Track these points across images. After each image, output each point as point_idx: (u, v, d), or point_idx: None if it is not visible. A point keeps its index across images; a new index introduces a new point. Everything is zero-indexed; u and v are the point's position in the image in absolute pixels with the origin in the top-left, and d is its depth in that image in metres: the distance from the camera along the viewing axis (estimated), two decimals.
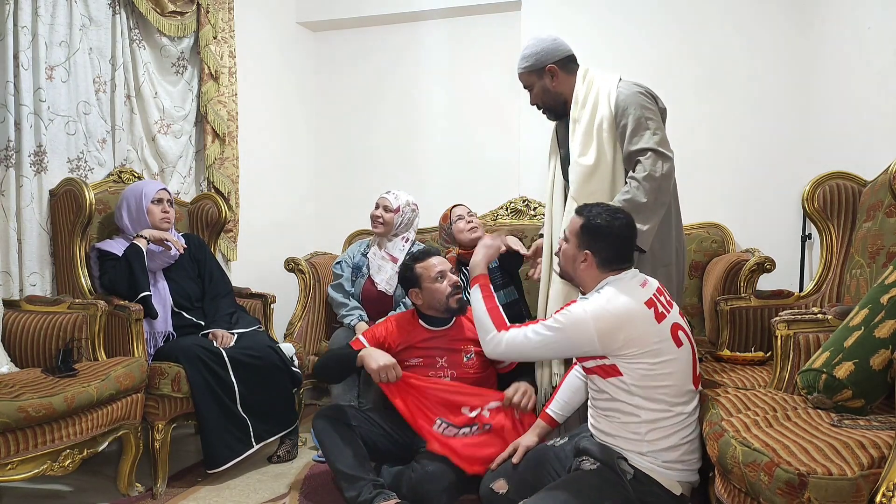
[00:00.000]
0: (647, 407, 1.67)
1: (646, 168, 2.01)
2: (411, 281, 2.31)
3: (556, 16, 3.66)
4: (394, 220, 3.00)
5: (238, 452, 2.46)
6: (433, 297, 2.27)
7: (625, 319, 1.65)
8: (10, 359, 2.34)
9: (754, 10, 3.37)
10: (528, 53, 2.26)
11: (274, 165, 3.92)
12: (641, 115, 2.07)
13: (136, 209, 2.66)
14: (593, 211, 1.79)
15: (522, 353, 1.87)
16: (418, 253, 2.39)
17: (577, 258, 1.79)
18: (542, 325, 1.77)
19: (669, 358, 1.67)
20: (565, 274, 1.88)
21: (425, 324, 2.33)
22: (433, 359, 2.28)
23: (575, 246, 1.79)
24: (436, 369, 2.27)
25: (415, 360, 2.29)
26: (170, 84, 3.22)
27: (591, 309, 1.67)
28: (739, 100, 3.41)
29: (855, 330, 1.55)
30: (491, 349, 1.89)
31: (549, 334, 1.74)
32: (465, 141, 3.94)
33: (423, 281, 2.28)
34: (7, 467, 1.88)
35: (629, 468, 1.67)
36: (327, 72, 4.21)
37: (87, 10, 2.81)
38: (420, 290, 2.30)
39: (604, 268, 1.77)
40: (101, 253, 2.60)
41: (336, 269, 3.10)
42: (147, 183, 2.77)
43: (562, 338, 1.72)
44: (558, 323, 1.72)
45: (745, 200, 3.40)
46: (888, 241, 2.03)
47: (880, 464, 1.23)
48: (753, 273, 2.64)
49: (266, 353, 2.59)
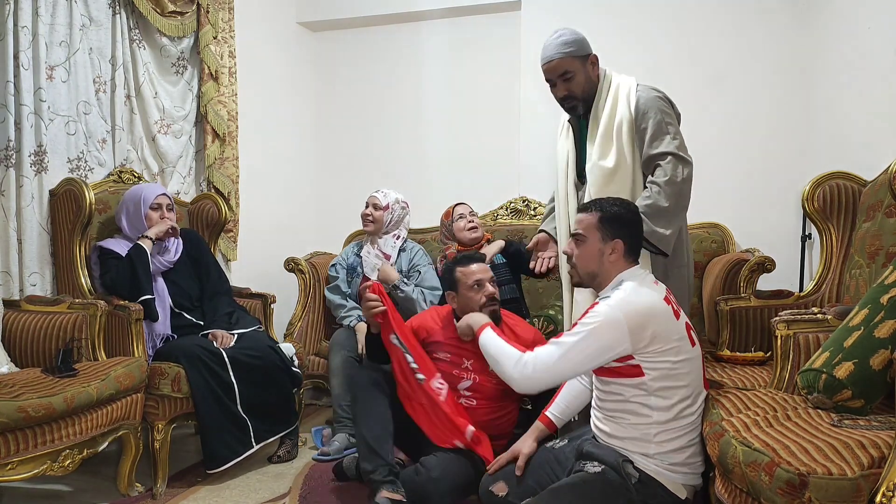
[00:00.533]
0: (661, 407, 1.66)
1: (667, 172, 2.01)
2: (450, 283, 2.32)
3: (555, 16, 3.65)
4: (383, 218, 3.04)
5: (238, 453, 2.46)
6: (467, 304, 2.26)
7: (651, 313, 1.64)
8: (9, 359, 2.33)
9: (754, 9, 3.37)
10: (570, 39, 2.15)
11: (274, 165, 3.92)
12: (661, 120, 2.07)
13: (134, 214, 2.65)
14: (603, 204, 1.79)
15: (551, 368, 1.68)
16: (461, 257, 2.39)
17: (603, 252, 1.75)
18: (566, 335, 1.69)
19: (687, 357, 1.67)
20: (583, 277, 1.82)
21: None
22: (460, 358, 2.29)
23: (598, 240, 1.75)
24: (461, 369, 2.28)
25: (443, 354, 2.30)
26: (170, 84, 3.22)
27: (616, 304, 1.63)
28: (739, 100, 3.41)
29: (855, 330, 1.55)
30: (518, 374, 1.72)
31: (577, 339, 1.64)
32: (465, 141, 3.94)
33: (459, 286, 2.28)
34: (7, 467, 1.88)
35: (634, 472, 1.66)
36: (327, 72, 4.21)
37: (87, 10, 2.81)
38: (456, 294, 2.30)
39: (629, 257, 1.75)
40: (102, 251, 2.60)
41: (331, 272, 3.12)
42: (146, 187, 2.75)
43: (592, 341, 1.63)
44: (586, 326, 1.64)
45: (745, 200, 3.40)
46: (888, 241, 2.03)
47: (880, 464, 1.22)
48: (753, 273, 2.64)
49: (266, 352, 2.59)
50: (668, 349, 1.64)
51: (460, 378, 2.27)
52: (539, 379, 1.71)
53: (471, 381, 2.27)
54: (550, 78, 2.20)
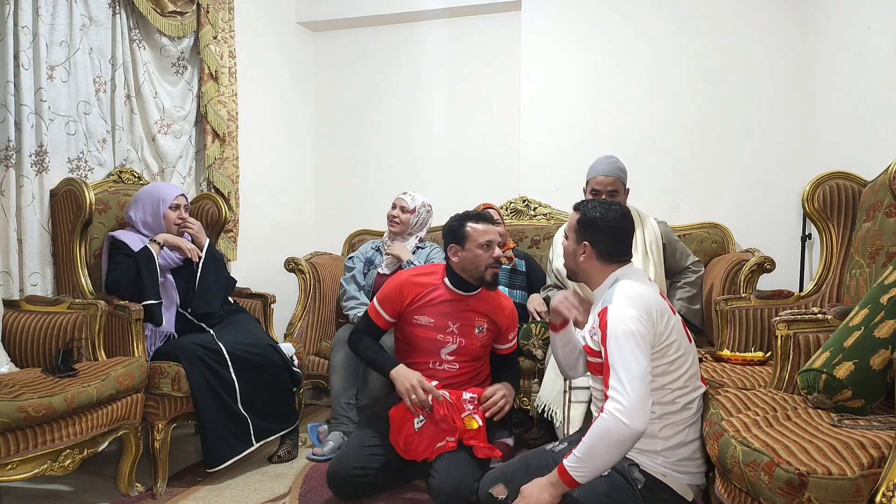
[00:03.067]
0: (664, 401, 1.66)
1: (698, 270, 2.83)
2: (456, 236, 2.24)
3: (555, 16, 3.66)
4: (410, 221, 3.10)
5: (238, 451, 2.46)
6: (472, 262, 2.21)
7: (653, 304, 1.64)
8: (10, 359, 2.33)
9: (754, 9, 3.37)
10: (623, 167, 2.67)
11: (274, 165, 3.92)
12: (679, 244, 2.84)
13: (152, 213, 2.64)
14: (589, 205, 1.81)
15: (635, 394, 1.52)
16: (475, 213, 2.30)
17: (576, 252, 1.80)
18: (612, 372, 1.55)
19: (685, 352, 1.68)
20: (570, 272, 1.87)
21: (451, 285, 2.29)
22: (445, 322, 2.26)
23: (574, 240, 1.81)
24: (445, 334, 2.26)
25: (424, 319, 2.27)
26: (170, 84, 3.22)
27: (624, 301, 1.62)
28: (739, 100, 3.41)
29: (855, 330, 1.55)
30: (624, 428, 1.50)
31: (622, 355, 1.55)
32: (465, 141, 3.94)
33: (468, 241, 2.22)
34: (7, 467, 1.88)
35: (640, 476, 1.64)
36: (327, 72, 4.21)
37: (87, 10, 2.81)
38: (462, 248, 2.23)
39: (604, 260, 1.76)
40: (114, 242, 2.58)
41: (348, 263, 3.19)
42: (165, 186, 2.76)
43: (633, 344, 1.55)
44: (616, 341, 1.56)
45: (745, 200, 3.40)
46: (888, 241, 2.03)
47: (880, 464, 1.23)
48: (753, 273, 2.64)
49: (266, 350, 2.59)
50: (670, 342, 1.65)
51: (444, 343, 2.25)
52: (640, 411, 1.52)
53: (456, 346, 2.26)
54: (599, 189, 2.60)
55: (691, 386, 1.70)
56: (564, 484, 1.55)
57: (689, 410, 1.69)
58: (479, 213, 2.30)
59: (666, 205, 3.43)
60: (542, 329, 2.69)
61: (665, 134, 3.52)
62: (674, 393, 1.67)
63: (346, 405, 2.78)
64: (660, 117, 3.53)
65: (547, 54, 3.69)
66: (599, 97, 3.62)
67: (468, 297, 2.30)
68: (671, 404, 1.67)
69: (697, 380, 1.73)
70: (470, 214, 2.29)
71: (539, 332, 2.68)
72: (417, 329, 2.27)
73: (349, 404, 2.78)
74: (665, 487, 1.65)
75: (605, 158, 2.69)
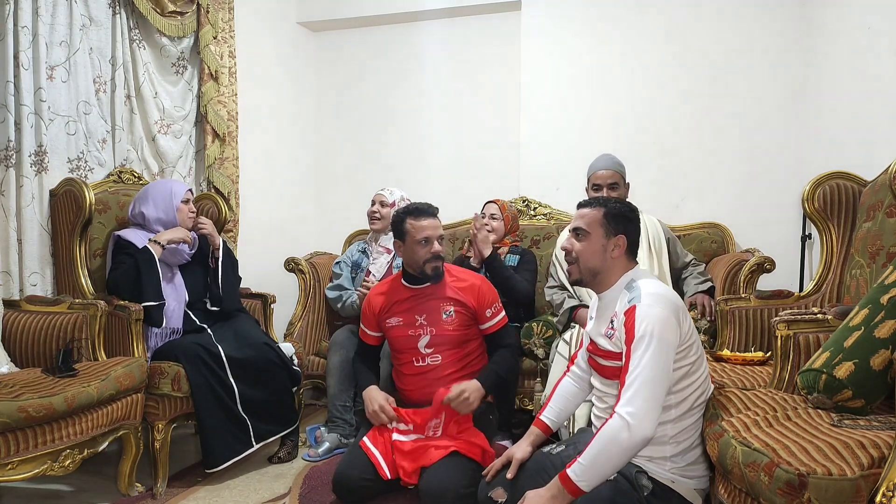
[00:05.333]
0: (677, 403, 1.62)
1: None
2: (398, 232, 2.27)
3: (555, 16, 3.66)
4: (390, 215, 3.03)
5: (238, 451, 2.47)
6: (412, 257, 2.24)
7: (678, 303, 1.62)
8: (10, 359, 2.34)
9: (754, 10, 3.37)
10: (621, 162, 2.70)
11: (274, 165, 3.92)
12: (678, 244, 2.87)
13: (164, 208, 2.65)
14: (605, 200, 1.79)
15: (650, 401, 1.51)
16: (414, 208, 2.28)
17: (607, 247, 1.72)
18: (631, 368, 1.53)
19: (702, 352, 1.68)
20: (584, 273, 1.77)
21: (406, 282, 2.31)
22: (412, 317, 2.26)
23: (602, 235, 1.73)
24: (415, 327, 2.25)
25: (394, 320, 2.28)
26: (170, 84, 3.22)
27: (653, 300, 1.58)
28: (739, 100, 3.41)
29: (855, 330, 1.55)
30: (632, 436, 1.50)
31: (648, 357, 1.52)
32: (465, 141, 3.94)
33: (407, 237, 2.25)
34: (7, 467, 1.88)
35: (648, 483, 1.60)
36: (327, 72, 4.21)
37: (87, 10, 2.81)
38: (403, 244, 2.27)
39: (629, 254, 1.74)
40: (119, 242, 2.58)
41: (335, 269, 3.15)
42: (174, 182, 2.80)
43: (658, 348, 1.52)
44: (644, 343, 1.53)
45: (745, 200, 3.40)
46: (888, 241, 2.03)
47: (880, 464, 1.22)
48: (753, 273, 2.64)
49: (262, 349, 2.59)
50: (692, 342, 1.63)
51: (418, 336, 2.25)
52: (649, 418, 1.51)
53: (429, 336, 2.24)
54: (600, 184, 2.61)
55: (704, 386, 1.69)
56: (568, 493, 1.54)
57: (699, 411, 1.67)
58: (419, 208, 2.28)
59: (666, 205, 3.44)
60: (543, 328, 2.68)
61: (665, 134, 3.52)
62: (693, 395, 1.64)
63: (342, 408, 2.78)
64: (660, 117, 3.53)
65: (547, 54, 3.69)
66: (599, 97, 3.62)
67: (426, 288, 2.29)
68: (689, 407, 1.64)
69: (709, 380, 1.73)
70: (410, 209, 2.29)
71: (540, 332, 2.67)
72: (392, 331, 2.29)
73: (345, 407, 2.79)
74: (674, 494, 1.62)
75: (603, 155, 2.72)
